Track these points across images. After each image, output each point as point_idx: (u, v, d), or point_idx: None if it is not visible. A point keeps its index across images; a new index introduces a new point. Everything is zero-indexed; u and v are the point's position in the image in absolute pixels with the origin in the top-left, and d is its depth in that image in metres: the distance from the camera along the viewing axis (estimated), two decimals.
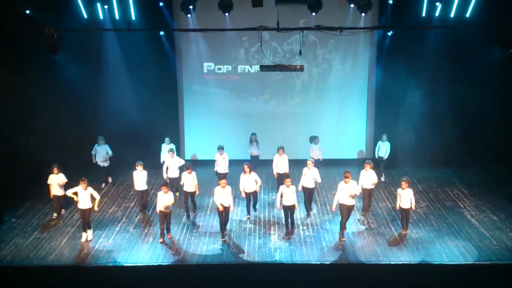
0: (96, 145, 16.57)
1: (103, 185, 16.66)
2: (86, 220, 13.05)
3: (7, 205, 14.36)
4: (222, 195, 13.01)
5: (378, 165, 17.19)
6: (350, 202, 12.98)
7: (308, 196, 14.50)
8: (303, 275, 11.99)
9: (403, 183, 13.08)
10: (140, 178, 14.38)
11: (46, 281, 11.77)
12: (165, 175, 15.29)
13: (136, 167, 14.34)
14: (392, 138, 17.44)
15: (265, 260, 12.22)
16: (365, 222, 14.12)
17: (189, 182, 14.17)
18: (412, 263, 12.03)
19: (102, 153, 16.54)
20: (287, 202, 13.20)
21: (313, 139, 16.73)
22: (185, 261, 12.21)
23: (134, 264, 12.11)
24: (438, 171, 17.70)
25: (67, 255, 12.39)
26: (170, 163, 15.34)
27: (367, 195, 14.44)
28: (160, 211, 12.98)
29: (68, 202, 14.34)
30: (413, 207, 13.19)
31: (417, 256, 12.31)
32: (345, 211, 13.02)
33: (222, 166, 15.63)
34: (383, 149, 17.06)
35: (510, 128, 17.56)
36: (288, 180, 13.13)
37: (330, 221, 14.14)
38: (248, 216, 14.46)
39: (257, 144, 17.09)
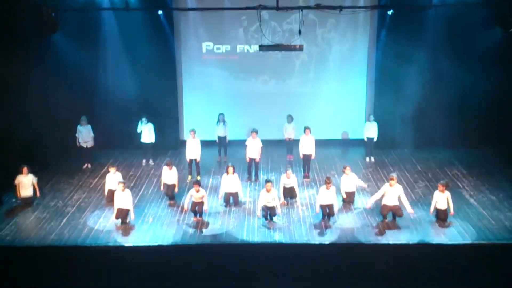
0: (78, 126, 16.45)
1: (85, 165, 16.59)
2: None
3: (6, 186, 14.36)
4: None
5: (365, 146, 17.25)
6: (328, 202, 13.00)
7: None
8: (302, 255, 12.06)
9: (440, 185, 12.82)
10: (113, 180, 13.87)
11: (46, 260, 11.81)
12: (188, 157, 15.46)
13: (109, 169, 14.12)
14: (391, 118, 17.43)
15: (265, 240, 12.27)
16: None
17: (170, 177, 14.09)
18: (411, 243, 12.10)
19: (84, 134, 16.44)
20: (270, 205, 12.94)
21: (288, 118, 16.89)
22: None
23: (134, 245, 12.18)
24: (437, 151, 17.68)
25: (67, 235, 12.44)
26: (190, 143, 15.42)
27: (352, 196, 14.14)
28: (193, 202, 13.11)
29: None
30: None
31: (416, 236, 12.38)
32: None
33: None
34: (372, 130, 17.04)
35: (510, 108, 17.49)
36: (269, 184, 12.76)
37: None
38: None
39: (224, 124, 16.97)
